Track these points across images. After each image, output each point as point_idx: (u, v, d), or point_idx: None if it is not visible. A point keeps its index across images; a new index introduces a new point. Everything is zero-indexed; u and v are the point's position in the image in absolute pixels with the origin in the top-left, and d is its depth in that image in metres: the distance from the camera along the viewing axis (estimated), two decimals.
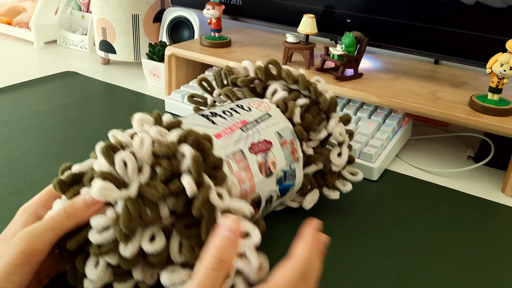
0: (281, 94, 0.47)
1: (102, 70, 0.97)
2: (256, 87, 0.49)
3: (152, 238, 0.32)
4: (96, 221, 0.31)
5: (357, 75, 0.70)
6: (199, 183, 0.32)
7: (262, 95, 0.50)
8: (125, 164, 0.32)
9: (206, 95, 0.53)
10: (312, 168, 0.47)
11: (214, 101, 0.53)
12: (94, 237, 0.31)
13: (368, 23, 0.71)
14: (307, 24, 0.71)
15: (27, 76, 0.90)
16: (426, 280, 0.43)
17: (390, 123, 0.66)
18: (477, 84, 0.71)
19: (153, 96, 0.84)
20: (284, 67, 0.48)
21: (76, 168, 0.35)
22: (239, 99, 0.50)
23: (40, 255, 0.32)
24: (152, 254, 0.32)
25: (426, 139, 0.73)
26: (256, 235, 0.31)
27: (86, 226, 0.33)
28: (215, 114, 0.42)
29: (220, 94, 0.52)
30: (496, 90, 0.60)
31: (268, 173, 0.41)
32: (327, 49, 0.70)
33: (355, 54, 0.69)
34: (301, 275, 0.30)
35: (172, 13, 0.92)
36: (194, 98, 0.53)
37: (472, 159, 0.67)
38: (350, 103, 0.70)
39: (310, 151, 0.46)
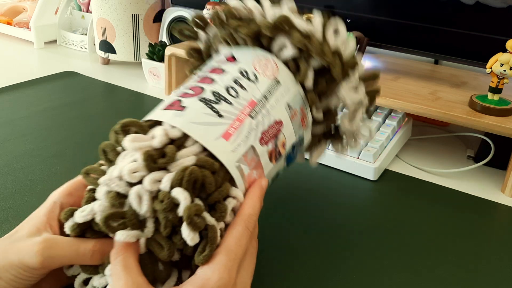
0: (291, 52, 0.39)
1: (102, 70, 0.97)
2: (262, 41, 0.41)
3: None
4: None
5: None
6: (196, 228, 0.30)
7: (268, 49, 0.41)
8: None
9: (199, 32, 0.45)
10: (320, 129, 0.44)
11: (209, 46, 0.45)
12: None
13: (368, 23, 0.71)
14: None
15: (27, 76, 0.90)
16: (426, 280, 0.43)
17: (390, 123, 0.66)
18: (477, 84, 0.71)
19: (153, 96, 0.84)
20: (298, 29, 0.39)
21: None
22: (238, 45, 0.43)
23: (53, 267, 0.32)
24: None
25: (426, 139, 0.73)
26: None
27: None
28: (218, 97, 0.36)
29: (217, 36, 0.43)
30: (496, 90, 0.60)
31: (278, 157, 0.38)
32: None
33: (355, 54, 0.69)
34: (250, 233, 0.33)
35: (172, 13, 0.92)
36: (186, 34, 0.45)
37: (472, 159, 0.67)
38: None
39: (320, 116, 0.42)
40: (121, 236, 0.30)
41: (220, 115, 0.35)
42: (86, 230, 0.33)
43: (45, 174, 0.56)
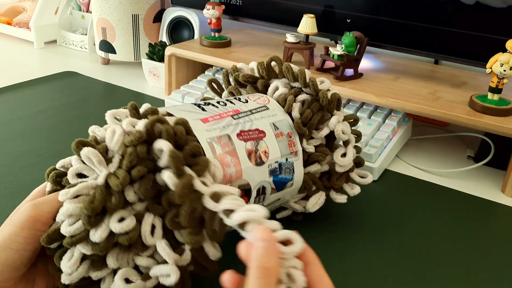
0: (282, 90, 0.47)
1: (102, 70, 0.97)
2: (258, 85, 0.49)
3: (122, 221, 0.32)
4: (63, 209, 0.32)
5: (357, 75, 0.70)
6: (180, 175, 0.31)
7: (265, 94, 0.49)
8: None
9: (217, 97, 0.53)
10: (315, 167, 0.46)
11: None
12: (65, 229, 0.32)
13: (368, 23, 0.71)
14: (307, 24, 0.71)
15: (27, 76, 0.90)
16: (426, 279, 0.43)
17: (390, 123, 0.66)
18: (477, 84, 0.71)
19: (153, 96, 0.84)
20: (286, 62, 0.48)
21: (59, 165, 0.36)
22: None
23: (44, 222, 0.33)
24: (121, 234, 0.32)
25: (426, 139, 0.73)
26: (298, 242, 0.30)
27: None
28: (208, 104, 0.42)
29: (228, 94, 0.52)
30: (496, 90, 0.60)
31: (259, 162, 0.40)
32: (327, 49, 0.70)
33: (355, 54, 0.69)
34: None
35: (172, 13, 0.92)
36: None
37: (472, 159, 0.67)
38: (350, 103, 0.70)
39: (311, 149, 0.45)
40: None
41: (203, 110, 0.41)
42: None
43: (45, 174, 0.56)
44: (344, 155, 0.46)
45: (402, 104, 0.62)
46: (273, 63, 0.48)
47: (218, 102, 0.43)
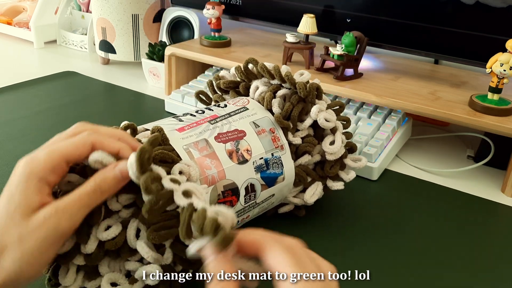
0: (262, 89, 0.47)
1: (102, 70, 0.97)
2: (240, 89, 0.50)
3: (108, 229, 0.34)
4: None
5: (357, 75, 0.70)
6: (143, 172, 0.31)
7: (247, 96, 0.50)
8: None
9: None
10: (306, 159, 0.46)
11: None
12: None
13: (368, 23, 0.71)
14: (307, 24, 0.71)
15: (27, 76, 0.90)
16: (425, 279, 0.43)
17: (390, 123, 0.66)
18: (477, 84, 0.71)
19: (153, 96, 0.84)
20: (261, 62, 0.48)
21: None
22: None
23: (71, 234, 0.31)
24: (108, 240, 0.33)
25: (426, 139, 0.73)
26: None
27: None
28: (186, 114, 0.44)
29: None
30: (496, 90, 0.60)
31: (242, 160, 0.41)
32: (327, 49, 0.70)
33: (355, 54, 0.69)
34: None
35: (172, 13, 0.92)
36: (201, 96, 0.53)
37: (472, 159, 0.67)
38: (350, 103, 0.70)
39: (298, 141, 0.45)
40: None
41: (180, 120, 0.42)
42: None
43: None
44: (332, 142, 0.46)
45: (402, 104, 0.62)
46: (250, 65, 0.48)
47: (196, 111, 0.44)
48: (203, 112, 0.44)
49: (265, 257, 0.27)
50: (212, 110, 0.44)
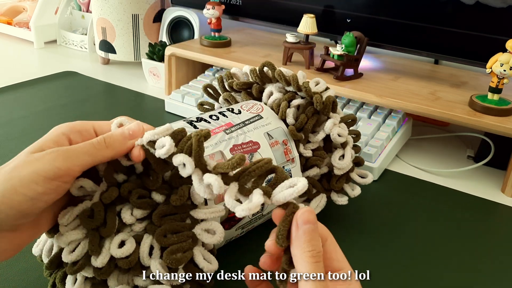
0: (276, 96, 0.46)
1: (102, 70, 0.97)
2: (253, 91, 0.49)
3: (123, 245, 0.33)
4: (64, 239, 0.33)
5: (357, 75, 0.70)
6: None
7: (259, 99, 0.49)
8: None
9: (214, 101, 0.53)
10: (314, 171, 0.46)
11: (221, 107, 0.53)
12: (66, 257, 0.33)
13: (368, 23, 0.71)
14: (307, 24, 0.71)
15: (27, 76, 0.90)
16: (425, 279, 0.43)
17: (390, 123, 0.66)
18: (477, 84, 0.71)
19: (153, 96, 0.84)
20: (278, 68, 0.47)
21: None
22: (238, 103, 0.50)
23: (71, 176, 0.31)
24: (121, 258, 0.33)
25: (426, 139, 0.73)
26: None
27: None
28: (200, 119, 0.43)
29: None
30: (496, 90, 0.60)
31: None
32: (327, 49, 0.70)
33: (355, 54, 0.69)
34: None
35: (172, 13, 0.92)
36: (204, 106, 0.52)
37: (472, 159, 0.67)
38: (350, 103, 0.70)
39: (308, 153, 0.45)
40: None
41: (195, 128, 0.41)
42: None
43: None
44: (342, 157, 0.46)
45: (402, 104, 0.62)
46: (265, 69, 0.48)
47: (210, 116, 0.43)
48: (218, 118, 0.43)
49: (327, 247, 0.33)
50: (227, 117, 0.43)
